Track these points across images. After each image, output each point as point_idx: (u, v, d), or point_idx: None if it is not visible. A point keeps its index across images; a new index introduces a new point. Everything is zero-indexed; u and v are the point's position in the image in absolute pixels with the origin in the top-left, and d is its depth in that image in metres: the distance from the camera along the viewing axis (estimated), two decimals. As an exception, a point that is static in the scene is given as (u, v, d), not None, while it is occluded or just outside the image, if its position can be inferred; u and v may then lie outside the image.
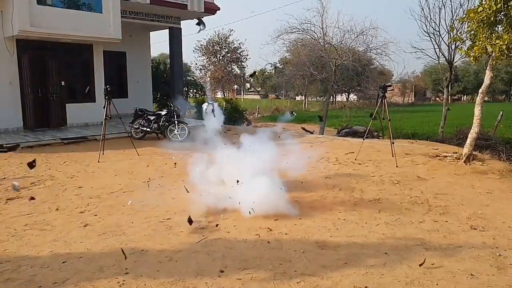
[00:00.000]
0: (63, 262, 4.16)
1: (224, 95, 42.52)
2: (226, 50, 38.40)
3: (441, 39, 16.25)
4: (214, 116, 7.97)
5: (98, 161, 9.10)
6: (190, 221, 4.98)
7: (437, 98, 60.30)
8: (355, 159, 9.20)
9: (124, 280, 3.79)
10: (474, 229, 5.27)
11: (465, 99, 63.11)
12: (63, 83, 13.40)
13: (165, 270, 3.98)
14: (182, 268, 4.02)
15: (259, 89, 64.90)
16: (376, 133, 15.94)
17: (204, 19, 17.30)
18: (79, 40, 13.16)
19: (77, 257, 4.29)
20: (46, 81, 12.97)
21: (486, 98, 9.87)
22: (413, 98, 60.43)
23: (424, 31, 16.47)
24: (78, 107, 13.93)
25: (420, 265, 4.10)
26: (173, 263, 4.13)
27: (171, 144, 11.15)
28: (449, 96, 25.18)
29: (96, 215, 5.67)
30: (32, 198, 6.36)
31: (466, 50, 8.77)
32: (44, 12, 12.08)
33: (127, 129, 11.43)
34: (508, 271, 4.08)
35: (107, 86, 9.64)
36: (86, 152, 10.05)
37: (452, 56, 16.43)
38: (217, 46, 38.05)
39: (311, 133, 17.25)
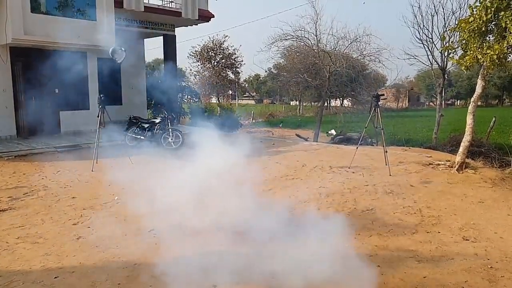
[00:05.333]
0: (55, 277, 4.14)
1: (218, 100, 42.56)
2: (221, 56, 38.46)
3: (434, 46, 16.37)
4: None
5: (92, 170, 9.07)
6: None
7: (431, 103, 60.61)
8: (349, 167, 9.24)
9: (116, 296, 3.78)
10: (466, 240, 5.30)
11: (458, 104, 63.48)
12: (56, 90, 13.37)
13: (158, 285, 3.97)
14: (175, 283, 4.01)
15: (254, 94, 64.98)
16: (370, 140, 15.99)
17: (199, 26, 17.32)
18: (73, 47, 13.12)
19: (69, 271, 4.28)
20: (39, 89, 12.93)
21: (479, 103, 9.95)
22: (407, 103, 60.72)
23: (417, 38, 16.57)
24: (71, 115, 13.90)
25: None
26: (166, 277, 4.11)
27: (164, 152, 11.14)
28: (443, 101, 25.27)
29: (89, 227, 5.66)
30: None
31: (457, 59, 8.85)
32: (38, 20, 12.06)
33: (121, 137, 11.39)
34: (499, 284, 4.11)
35: (101, 95, 9.64)
36: (80, 161, 10.00)
37: (445, 62, 16.54)
38: (211, 52, 38.11)
39: (306, 139, 17.29)
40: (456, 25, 8.96)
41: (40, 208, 6.50)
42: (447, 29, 15.02)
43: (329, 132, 9.43)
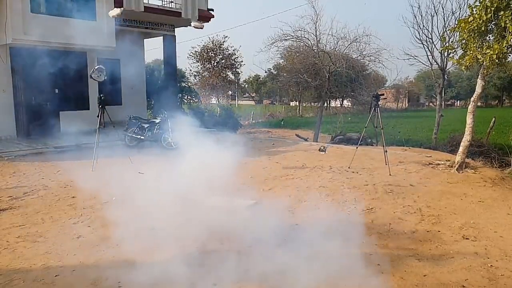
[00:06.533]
0: (56, 276, 4.14)
1: (218, 101, 42.59)
2: (221, 56, 38.50)
3: (433, 46, 16.40)
4: None
5: (92, 170, 9.06)
6: None
7: (431, 104, 60.63)
8: (349, 167, 9.24)
9: (117, 294, 3.78)
10: (466, 239, 5.31)
11: (458, 105, 63.47)
12: (56, 90, 13.38)
13: (159, 284, 3.97)
14: (176, 281, 4.01)
15: (254, 94, 64.99)
16: (370, 140, 15.99)
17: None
18: (72, 48, 13.13)
19: (70, 270, 4.28)
20: (39, 89, 12.94)
21: (479, 104, 9.97)
22: (406, 104, 60.70)
23: (417, 38, 16.61)
24: (71, 115, 13.87)
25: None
26: (167, 276, 4.11)
27: (164, 151, 11.14)
28: (443, 102, 25.28)
29: (89, 226, 5.66)
30: None
31: (457, 59, 8.86)
32: (37, 20, 12.07)
33: (120, 137, 11.37)
34: (499, 282, 4.12)
35: (101, 95, 9.65)
36: (80, 161, 9.99)
37: (445, 63, 16.57)
38: (211, 53, 38.14)
39: (305, 140, 17.29)
40: (456, 25, 8.97)
41: (40, 207, 6.50)
42: (447, 29, 15.05)
43: (321, 148, 9.35)
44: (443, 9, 16.33)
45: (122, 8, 11.45)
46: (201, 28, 14.42)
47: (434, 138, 16.54)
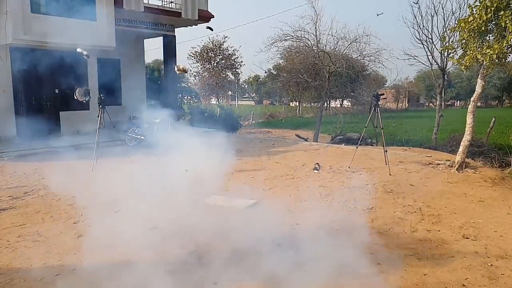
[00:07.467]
0: (56, 275, 4.15)
1: (218, 101, 42.59)
2: (220, 56, 38.52)
3: (433, 46, 16.42)
4: None
5: (92, 170, 9.07)
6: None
7: (431, 104, 60.65)
8: (349, 167, 9.25)
9: (117, 293, 3.78)
10: (466, 238, 5.31)
11: (458, 105, 63.49)
12: (56, 91, 13.38)
13: (158, 284, 3.97)
14: (176, 281, 4.01)
15: (254, 95, 64.98)
16: (370, 140, 15.99)
17: (198, 26, 17.38)
18: (73, 47, 13.11)
19: (70, 269, 4.29)
20: (39, 89, 12.93)
21: (479, 104, 9.98)
22: (406, 104, 60.72)
23: (417, 38, 16.62)
24: (71, 115, 13.89)
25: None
26: (166, 276, 4.12)
27: (164, 152, 11.12)
28: (443, 102, 25.29)
29: (89, 226, 5.66)
30: None
31: (457, 59, 8.87)
32: (37, 20, 12.06)
33: (121, 137, 11.36)
34: (499, 281, 4.12)
35: (101, 95, 9.64)
36: (80, 161, 9.97)
37: (445, 63, 16.59)
38: (211, 53, 38.17)
39: (305, 140, 17.30)
40: (456, 25, 8.98)
41: (40, 207, 6.51)
42: (447, 29, 15.06)
43: (316, 167, 9.14)
44: (443, 9, 16.41)
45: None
46: (185, 73, 14.46)
47: (434, 138, 16.55)
